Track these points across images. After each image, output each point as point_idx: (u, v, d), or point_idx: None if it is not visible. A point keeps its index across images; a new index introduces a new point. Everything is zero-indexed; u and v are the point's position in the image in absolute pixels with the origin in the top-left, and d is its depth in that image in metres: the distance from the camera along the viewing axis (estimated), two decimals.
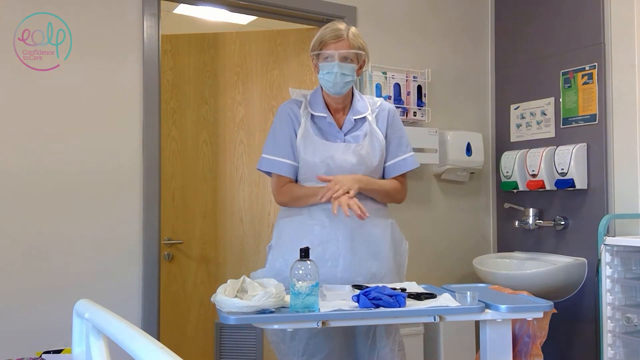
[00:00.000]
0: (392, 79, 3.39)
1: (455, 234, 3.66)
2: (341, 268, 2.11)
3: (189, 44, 3.44)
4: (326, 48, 2.16)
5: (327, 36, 2.16)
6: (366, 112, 2.26)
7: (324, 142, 2.18)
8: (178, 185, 3.40)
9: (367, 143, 2.21)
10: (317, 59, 2.20)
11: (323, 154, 2.16)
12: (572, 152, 3.13)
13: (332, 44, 2.15)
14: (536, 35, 3.50)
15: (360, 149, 2.19)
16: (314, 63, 2.24)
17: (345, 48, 2.15)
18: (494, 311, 1.78)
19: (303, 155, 2.18)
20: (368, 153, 2.20)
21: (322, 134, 2.22)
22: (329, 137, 2.21)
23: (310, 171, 2.18)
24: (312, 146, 2.18)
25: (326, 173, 2.15)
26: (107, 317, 1.21)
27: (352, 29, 2.20)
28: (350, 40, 2.16)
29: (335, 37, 2.15)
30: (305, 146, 2.18)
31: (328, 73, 2.15)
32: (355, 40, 2.18)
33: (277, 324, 1.71)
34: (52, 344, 2.31)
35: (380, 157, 2.24)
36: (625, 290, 2.77)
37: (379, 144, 2.24)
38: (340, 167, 2.15)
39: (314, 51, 2.20)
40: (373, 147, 2.22)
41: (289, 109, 2.25)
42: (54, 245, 2.57)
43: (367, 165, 2.19)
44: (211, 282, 3.34)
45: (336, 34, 2.15)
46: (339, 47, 2.15)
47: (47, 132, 2.58)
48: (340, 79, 2.15)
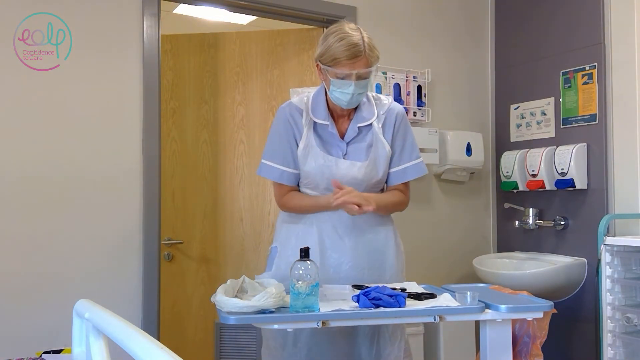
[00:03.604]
0: (392, 79, 3.39)
1: (455, 234, 3.66)
2: (344, 276, 2.09)
3: (189, 44, 3.44)
4: (340, 67, 1.95)
5: (342, 54, 1.93)
6: (372, 119, 2.12)
7: (325, 156, 2.07)
8: (178, 185, 3.39)
9: (372, 159, 2.10)
10: (327, 72, 1.99)
11: (325, 169, 2.07)
12: (572, 152, 3.13)
13: (348, 64, 1.95)
14: (536, 35, 3.50)
15: (364, 167, 2.08)
16: (321, 72, 2.04)
17: (364, 67, 1.96)
18: (494, 311, 1.78)
19: (304, 166, 2.10)
20: (372, 169, 2.11)
21: (324, 145, 2.10)
22: (331, 149, 2.10)
23: (312, 181, 2.11)
24: (313, 159, 2.08)
25: (326, 186, 2.08)
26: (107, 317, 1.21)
27: (367, 40, 1.97)
28: (368, 57, 1.96)
29: (352, 57, 1.94)
30: (306, 157, 2.08)
31: (343, 93, 1.99)
32: (373, 54, 1.98)
33: (277, 324, 1.71)
34: (52, 344, 2.31)
35: (384, 170, 2.15)
36: (625, 290, 2.77)
37: (384, 155, 2.12)
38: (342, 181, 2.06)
39: (323, 64, 2.00)
40: (377, 161, 2.11)
41: (289, 115, 2.12)
42: (53, 245, 2.57)
43: (369, 180, 2.11)
44: (211, 282, 3.34)
45: (353, 53, 1.93)
46: (356, 67, 1.95)
47: (47, 131, 2.58)
48: (356, 98, 2.02)
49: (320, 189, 2.12)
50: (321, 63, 2.01)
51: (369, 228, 2.14)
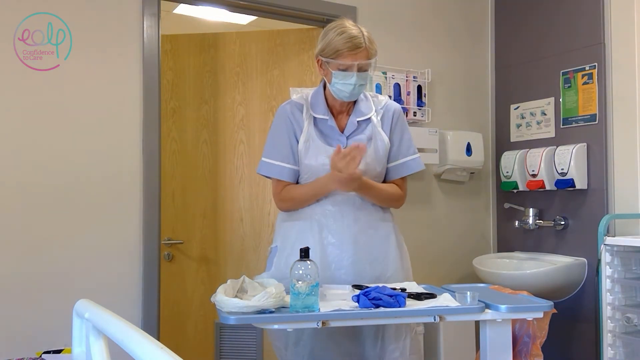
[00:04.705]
0: (392, 79, 3.39)
1: (455, 234, 3.66)
2: (344, 272, 2.09)
3: (189, 44, 3.44)
4: (342, 58, 2.02)
5: (344, 46, 2.01)
6: (370, 113, 2.17)
7: (326, 147, 2.11)
8: (178, 185, 3.40)
9: (372, 150, 2.14)
10: (328, 65, 2.06)
11: (325, 159, 2.08)
12: (572, 152, 3.13)
13: (350, 55, 2.02)
14: (536, 35, 3.50)
15: (364, 159, 2.08)
16: (322, 67, 2.10)
17: (365, 58, 2.04)
18: (494, 311, 1.78)
19: (305, 160, 2.12)
20: (373, 160, 2.13)
21: (324, 138, 2.14)
22: (332, 142, 2.13)
23: (313, 175, 2.13)
24: (314, 150, 2.12)
25: None
26: (107, 317, 1.21)
27: (367, 34, 2.07)
28: (368, 49, 2.04)
29: (354, 48, 2.02)
30: (307, 150, 2.12)
31: (345, 84, 2.05)
32: (372, 47, 2.06)
33: (277, 324, 1.71)
34: (52, 344, 2.32)
35: (383, 162, 2.18)
36: (625, 290, 2.77)
37: (384, 148, 2.17)
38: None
39: (325, 57, 2.06)
40: (377, 153, 2.15)
41: (289, 112, 2.16)
42: (53, 245, 2.57)
43: (370, 173, 2.13)
44: (211, 282, 3.34)
45: (354, 44, 2.02)
46: (357, 58, 2.03)
47: (47, 131, 2.58)
48: (358, 89, 2.07)
49: None
50: (322, 57, 2.07)
51: (369, 224, 2.15)
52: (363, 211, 2.14)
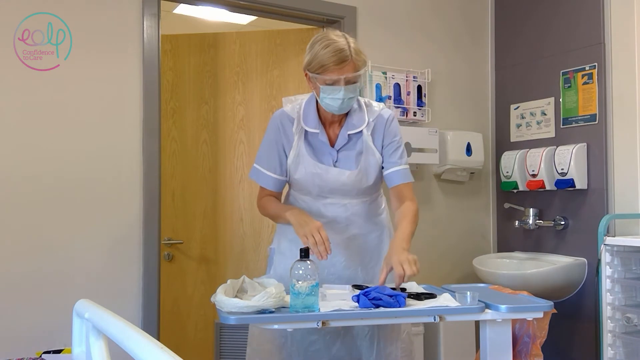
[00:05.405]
0: (392, 79, 3.39)
1: (455, 234, 3.66)
2: (338, 275, 2.11)
3: (189, 44, 3.44)
4: (329, 73, 1.95)
5: (329, 60, 1.94)
6: (362, 126, 2.10)
7: (316, 164, 2.08)
8: (178, 185, 3.40)
9: (362, 167, 2.09)
10: (316, 80, 1.99)
11: (314, 177, 2.08)
12: (572, 152, 3.13)
13: (336, 69, 1.95)
14: (536, 35, 3.50)
15: (353, 175, 2.08)
16: (310, 81, 2.04)
17: (352, 71, 1.96)
18: (494, 311, 1.78)
19: (295, 175, 2.11)
20: (362, 177, 2.10)
21: (315, 153, 2.10)
22: (322, 157, 2.10)
23: (303, 189, 2.14)
24: (303, 167, 2.09)
25: (318, 192, 2.11)
26: (107, 317, 1.21)
27: (353, 45, 1.98)
28: (355, 61, 1.96)
29: (340, 62, 1.94)
30: (297, 166, 2.10)
31: (333, 99, 1.99)
32: (359, 58, 1.98)
33: (277, 324, 1.70)
34: (52, 344, 2.32)
35: (375, 176, 2.14)
36: (625, 290, 2.77)
37: (374, 163, 2.12)
38: (331, 188, 2.09)
39: (312, 72, 1.99)
40: (367, 170, 2.11)
41: (280, 124, 2.12)
42: (54, 245, 2.57)
43: (359, 187, 2.11)
44: (211, 282, 3.34)
45: (340, 58, 1.94)
46: (344, 72, 1.95)
47: (47, 131, 2.58)
48: (347, 103, 2.01)
49: (313, 195, 2.14)
50: (309, 71, 2.01)
51: (361, 229, 2.16)
52: (356, 216, 2.15)
